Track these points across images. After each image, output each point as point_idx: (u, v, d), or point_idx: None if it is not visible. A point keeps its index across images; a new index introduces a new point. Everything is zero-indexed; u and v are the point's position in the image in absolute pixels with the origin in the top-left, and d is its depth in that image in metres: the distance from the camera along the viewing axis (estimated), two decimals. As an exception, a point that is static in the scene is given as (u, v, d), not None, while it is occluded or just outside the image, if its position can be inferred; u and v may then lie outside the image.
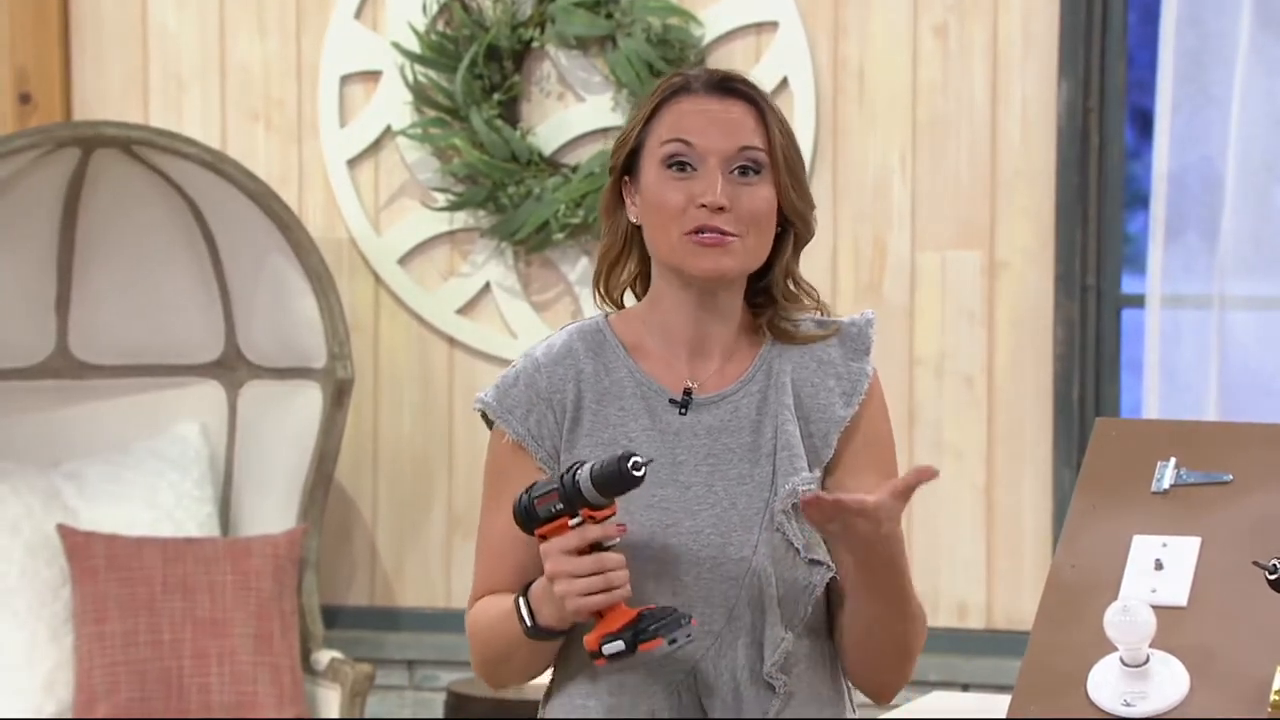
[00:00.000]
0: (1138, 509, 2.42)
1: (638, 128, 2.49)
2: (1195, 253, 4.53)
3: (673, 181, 2.44)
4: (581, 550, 2.33)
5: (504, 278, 4.96)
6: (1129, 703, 2.26)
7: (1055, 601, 2.37)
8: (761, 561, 2.43)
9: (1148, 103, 4.60)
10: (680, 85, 2.49)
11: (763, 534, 2.43)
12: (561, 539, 2.34)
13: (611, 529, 2.34)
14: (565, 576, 2.32)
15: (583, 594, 2.32)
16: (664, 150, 2.45)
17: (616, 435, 2.46)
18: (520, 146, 4.86)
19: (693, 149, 2.44)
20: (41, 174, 4.87)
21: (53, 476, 4.87)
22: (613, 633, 2.33)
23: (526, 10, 4.88)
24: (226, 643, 4.70)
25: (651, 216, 2.46)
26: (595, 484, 2.32)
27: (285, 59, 5.09)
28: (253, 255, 4.92)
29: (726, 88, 2.48)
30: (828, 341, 2.52)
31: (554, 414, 2.47)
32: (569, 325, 2.55)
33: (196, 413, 5.03)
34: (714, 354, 2.50)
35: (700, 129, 2.45)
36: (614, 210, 2.52)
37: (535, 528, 2.36)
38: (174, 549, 4.75)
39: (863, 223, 4.76)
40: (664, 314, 2.50)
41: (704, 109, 2.46)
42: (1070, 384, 4.64)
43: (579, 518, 2.33)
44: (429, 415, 4.99)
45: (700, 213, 2.42)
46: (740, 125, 2.46)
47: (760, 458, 2.46)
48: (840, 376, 2.51)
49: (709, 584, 2.42)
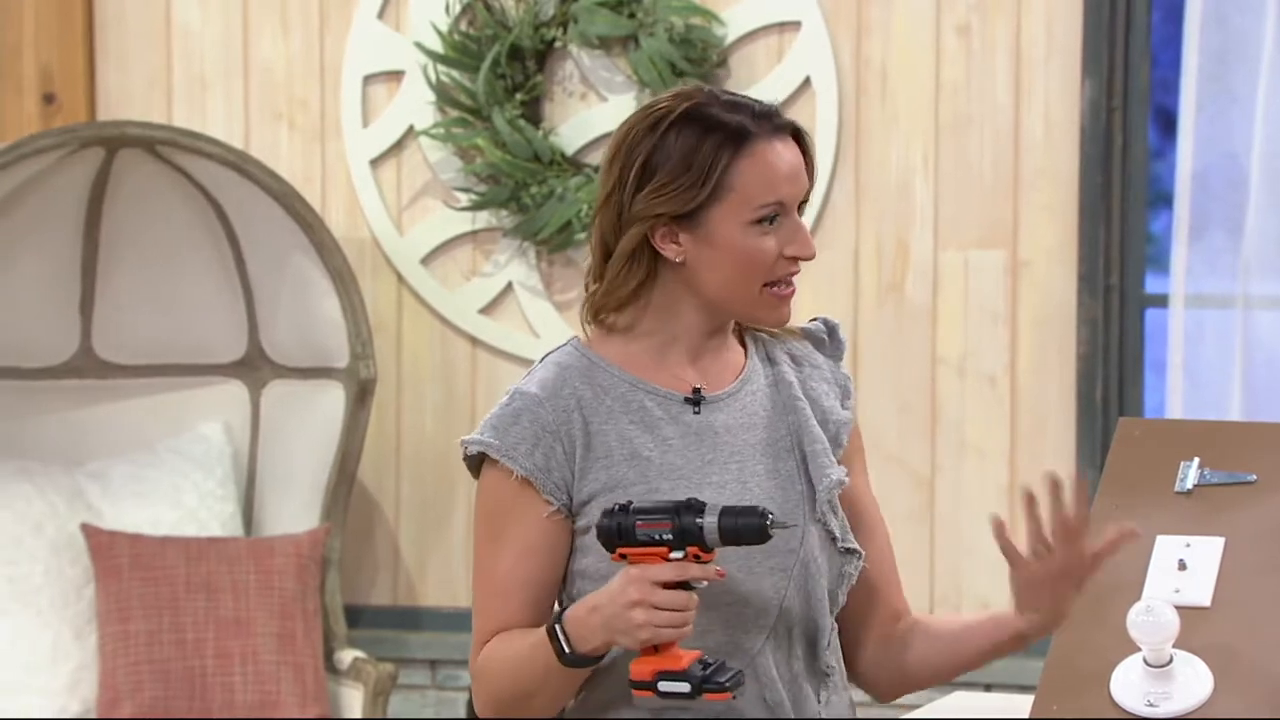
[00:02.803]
0: (1161, 509, 2.41)
1: (709, 185, 2.42)
2: (1219, 252, 4.52)
3: (764, 237, 2.44)
4: (670, 584, 2.31)
5: (526, 277, 4.97)
6: (1152, 703, 2.26)
7: (1078, 601, 2.37)
8: (810, 552, 2.45)
9: (1171, 102, 4.59)
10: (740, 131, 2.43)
11: (807, 526, 2.46)
12: (657, 568, 2.31)
13: (712, 572, 2.33)
14: (648, 606, 2.30)
15: (661, 626, 2.30)
16: (759, 213, 2.42)
17: (638, 448, 2.44)
18: (542, 146, 4.86)
19: (783, 205, 2.44)
20: (66, 174, 4.88)
21: (77, 476, 4.88)
22: (674, 672, 2.30)
23: (549, 10, 4.88)
24: (249, 642, 4.71)
25: (731, 271, 2.44)
26: (722, 531, 2.30)
27: (308, 59, 5.10)
28: (276, 255, 4.93)
29: (783, 125, 2.46)
30: (801, 343, 2.56)
31: (562, 446, 2.44)
32: (547, 357, 2.52)
33: (220, 412, 5.03)
34: (709, 356, 2.51)
35: (786, 183, 2.44)
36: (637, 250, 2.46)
37: (620, 547, 2.33)
38: (197, 548, 4.76)
39: (885, 222, 4.75)
40: (673, 333, 2.49)
41: (783, 159, 2.44)
42: (1093, 384, 4.63)
43: (683, 553, 2.31)
44: (451, 415, 5.00)
45: (787, 264, 2.45)
46: (802, 168, 2.47)
47: (780, 452, 2.48)
48: (829, 380, 2.56)
49: (759, 578, 2.43)
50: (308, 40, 5.09)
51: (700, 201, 2.43)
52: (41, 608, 4.71)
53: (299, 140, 5.11)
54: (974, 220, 4.71)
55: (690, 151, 2.43)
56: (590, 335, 2.53)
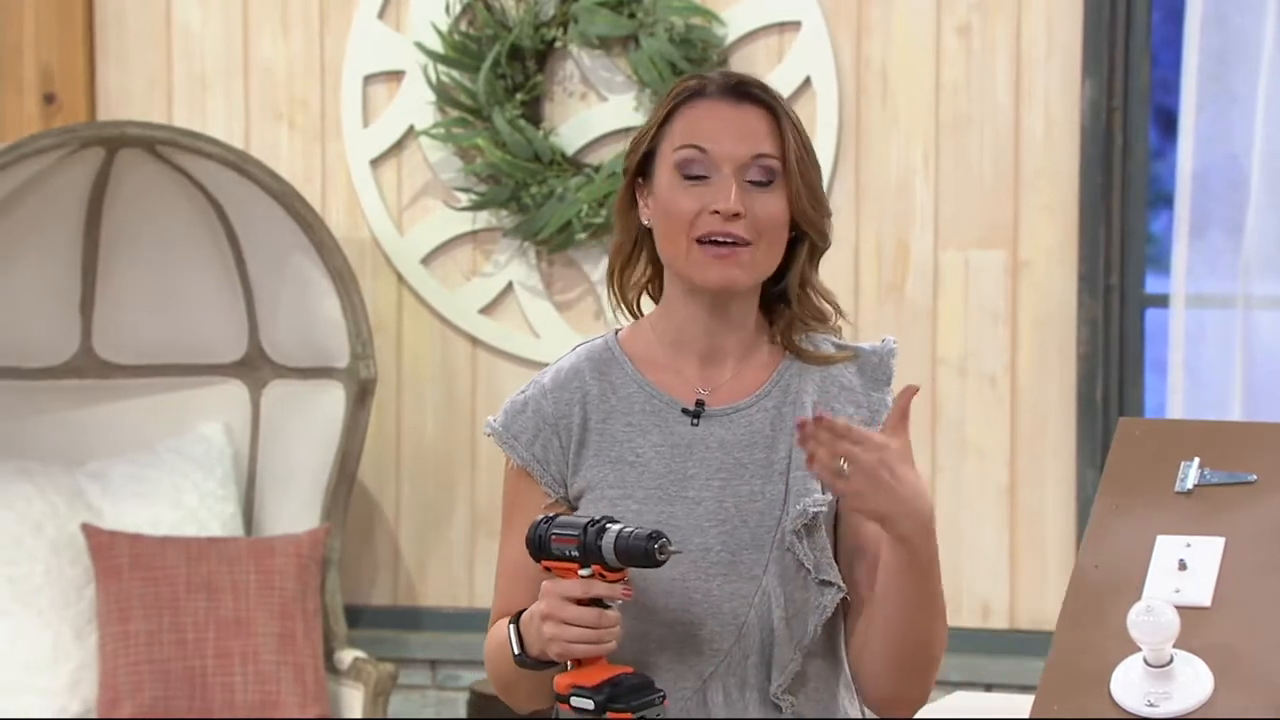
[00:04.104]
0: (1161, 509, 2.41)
1: (652, 130, 2.46)
2: (1219, 252, 4.52)
3: (686, 188, 2.41)
4: (581, 600, 2.30)
5: (526, 277, 4.97)
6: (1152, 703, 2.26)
7: (1078, 601, 2.37)
8: (771, 581, 2.40)
9: (1171, 102, 4.59)
10: (695, 89, 2.46)
11: (773, 553, 2.41)
12: (565, 583, 2.31)
13: (618, 591, 2.31)
14: (557, 620, 2.30)
15: (570, 641, 2.29)
16: (677, 156, 2.42)
17: (624, 452, 2.44)
18: (543, 146, 4.86)
19: (707, 155, 2.41)
20: (66, 174, 4.88)
21: (77, 476, 4.88)
22: (586, 687, 2.30)
23: (549, 10, 4.88)
24: (250, 642, 4.71)
25: (663, 222, 2.43)
26: (617, 552, 2.29)
27: (308, 59, 5.10)
28: (276, 255, 4.93)
29: (743, 92, 2.45)
30: (846, 366, 2.49)
31: (559, 439, 2.45)
32: (580, 345, 2.53)
33: (220, 412, 5.04)
34: (726, 362, 2.48)
35: (715, 135, 2.42)
36: (627, 211, 2.50)
37: (543, 559, 2.34)
38: (197, 548, 4.76)
39: (886, 222, 4.75)
40: (676, 321, 2.48)
41: (719, 114, 2.43)
42: (1094, 384, 4.63)
43: (589, 570, 2.30)
44: (451, 415, 5.00)
45: (713, 219, 2.39)
46: (755, 132, 2.43)
47: (773, 475, 2.43)
48: (860, 405, 2.48)
49: (717, 601, 2.40)
50: (308, 40, 5.09)
51: (645, 149, 2.46)
52: (42, 608, 4.71)
53: (299, 140, 5.11)
54: (974, 220, 4.71)
55: (654, 109, 2.50)
56: (628, 327, 2.53)
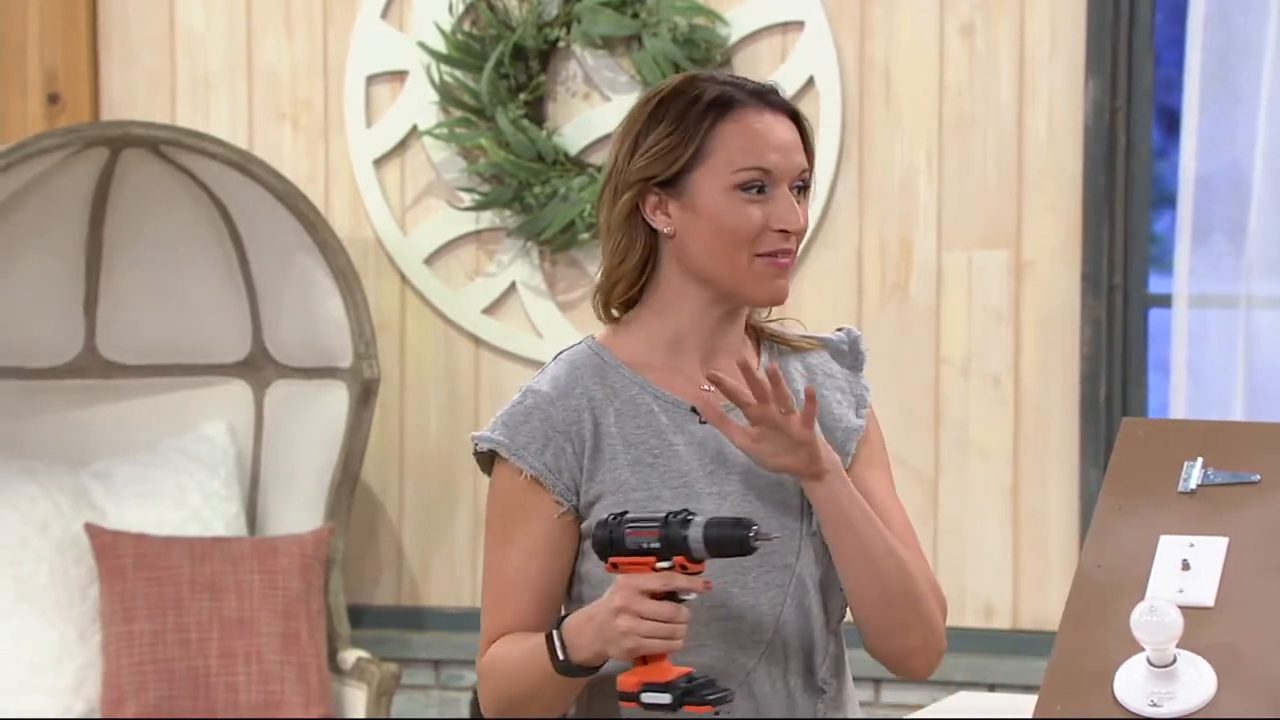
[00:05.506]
0: (1165, 509, 2.41)
1: (692, 146, 2.43)
2: (1222, 252, 4.52)
3: (747, 204, 2.42)
4: (657, 594, 2.29)
5: (530, 277, 4.97)
6: (1156, 703, 2.26)
7: (1082, 602, 2.37)
8: (806, 567, 2.44)
9: (1175, 102, 4.59)
10: (724, 99, 2.44)
11: (804, 540, 2.44)
12: (644, 577, 2.29)
13: (699, 584, 2.30)
14: (633, 614, 2.28)
15: (645, 636, 2.28)
16: (740, 177, 2.41)
17: (642, 454, 2.43)
18: (546, 146, 4.86)
19: (769, 175, 2.42)
20: (69, 174, 4.89)
21: (81, 476, 4.88)
22: (658, 683, 2.29)
23: (552, 10, 4.88)
24: (253, 642, 4.71)
25: (716, 239, 2.42)
26: (706, 542, 2.28)
27: (312, 59, 5.10)
28: (279, 255, 4.93)
29: (775, 102, 2.46)
30: (820, 354, 2.55)
31: (572, 446, 2.44)
32: (560, 354, 2.52)
33: (223, 412, 5.04)
34: (726, 358, 2.48)
35: (773, 152, 2.42)
36: (630, 222, 2.48)
37: (612, 556, 2.32)
38: (201, 548, 4.76)
39: (889, 223, 4.75)
40: (677, 322, 2.47)
41: (771, 130, 2.43)
42: (1097, 384, 4.63)
43: (669, 563, 2.29)
44: (455, 415, 5.00)
45: (775, 236, 2.41)
46: (796, 144, 2.45)
47: None
48: (844, 390, 2.55)
49: (755, 593, 2.42)
50: (311, 40, 5.10)
51: (684, 163, 2.43)
52: (46, 608, 4.72)
53: (303, 140, 5.11)
54: (977, 220, 4.71)
55: (678, 117, 2.44)
56: (606, 331, 2.52)
